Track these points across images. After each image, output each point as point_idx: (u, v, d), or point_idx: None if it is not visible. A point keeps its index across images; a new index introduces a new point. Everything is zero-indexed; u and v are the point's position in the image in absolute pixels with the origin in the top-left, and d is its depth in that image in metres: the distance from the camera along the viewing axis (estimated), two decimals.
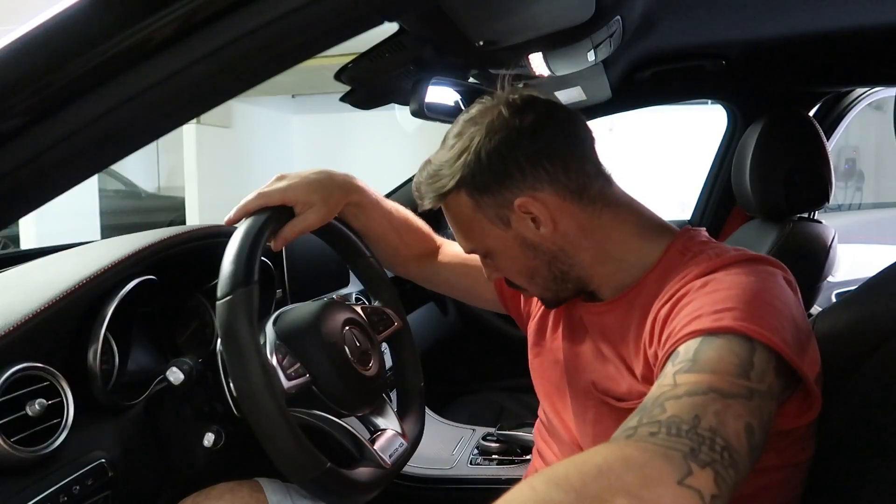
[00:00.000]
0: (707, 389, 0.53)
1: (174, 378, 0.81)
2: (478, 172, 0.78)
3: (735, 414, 0.52)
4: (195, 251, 0.96)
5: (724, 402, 0.53)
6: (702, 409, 0.51)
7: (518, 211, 0.78)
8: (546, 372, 0.92)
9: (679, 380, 0.55)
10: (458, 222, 0.83)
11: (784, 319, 0.63)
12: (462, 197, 0.80)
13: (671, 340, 0.63)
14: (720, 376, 0.55)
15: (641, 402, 0.56)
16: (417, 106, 1.15)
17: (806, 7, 1.12)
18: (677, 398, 0.53)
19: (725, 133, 1.91)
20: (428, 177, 0.83)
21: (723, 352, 0.57)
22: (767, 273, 0.69)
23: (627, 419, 0.54)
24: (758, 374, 0.57)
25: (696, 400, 0.52)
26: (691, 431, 0.49)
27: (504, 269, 0.85)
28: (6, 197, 0.57)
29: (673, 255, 0.77)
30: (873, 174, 6.90)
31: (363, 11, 0.57)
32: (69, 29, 0.52)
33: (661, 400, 0.54)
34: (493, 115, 0.78)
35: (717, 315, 0.61)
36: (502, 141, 0.76)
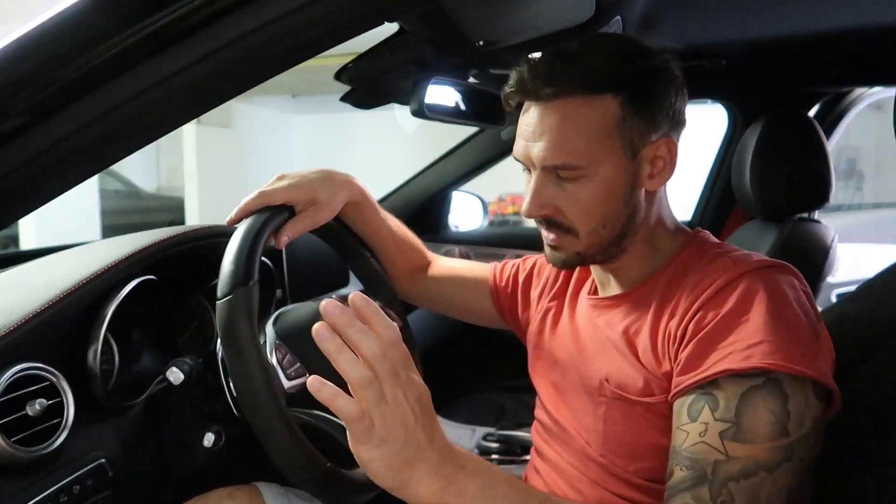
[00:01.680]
0: (755, 468, 0.62)
1: (174, 378, 0.81)
2: (645, 87, 0.73)
3: (780, 487, 0.62)
4: (195, 251, 0.96)
5: (770, 479, 0.62)
6: (756, 498, 0.61)
7: (652, 147, 0.76)
8: (546, 372, 0.92)
9: (730, 450, 0.63)
10: (579, 127, 0.73)
11: (809, 339, 0.67)
12: (610, 104, 0.73)
13: (703, 372, 0.67)
14: (762, 447, 0.62)
15: (693, 457, 0.64)
16: (417, 106, 1.15)
17: (806, 7, 1.12)
18: (737, 482, 0.62)
19: (725, 133, 1.91)
20: (567, 59, 0.73)
21: (759, 411, 0.63)
22: (788, 284, 0.71)
23: (690, 482, 0.64)
24: (796, 422, 0.63)
25: (751, 484, 0.61)
26: None
27: (583, 201, 0.76)
28: (6, 197, 0.57)
29: (689, 255, 0.78)
30: (873, 174, 6.89)
31: (363, 11, 0.57)
32: (69, 29, 0.52)
33: (721, 475, 0.62)
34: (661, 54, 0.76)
35: (748, 353, 0.65)
36: (669, 75, 0.75)
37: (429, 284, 1.11)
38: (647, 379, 0.74)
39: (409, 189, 2.03)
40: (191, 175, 7.07)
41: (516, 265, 1.07)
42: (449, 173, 2.00)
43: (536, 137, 0.75)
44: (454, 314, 1.14)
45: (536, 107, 0.76)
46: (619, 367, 0.77)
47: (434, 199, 2.03)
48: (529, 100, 0.77)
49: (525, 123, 0.77)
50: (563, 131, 0.73)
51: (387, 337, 0.54)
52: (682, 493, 0.63)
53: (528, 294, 1.03)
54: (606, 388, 0.78)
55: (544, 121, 0.74)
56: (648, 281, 0.80)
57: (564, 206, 0.77)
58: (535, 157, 0.76)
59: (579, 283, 0.94)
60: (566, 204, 0.77)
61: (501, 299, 1.06)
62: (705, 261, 0.75)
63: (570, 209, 0.77)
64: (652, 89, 0.74)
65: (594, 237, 0.78)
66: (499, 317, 1.08)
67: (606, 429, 0.78)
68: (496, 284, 1.07)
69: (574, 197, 0.76)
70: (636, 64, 0.74)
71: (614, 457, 0.77)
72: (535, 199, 0.77)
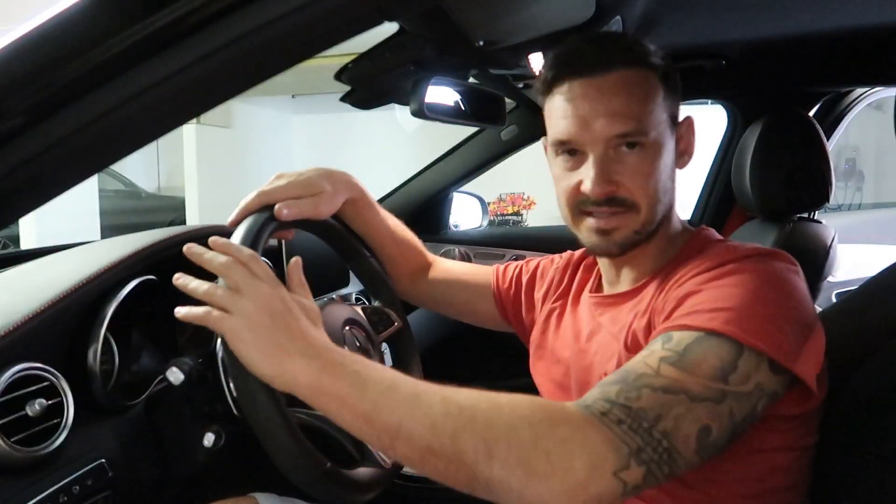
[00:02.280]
0: (679, 390, 0.60)
1: (174, 378, 0.81)
2: (670, 70, 0.79)
3: (694, 418, 0.60)
4: None
5: (688, 405, 0.60)
6: (666, 410, 0.59)
7: (682, 124, 0.82)
8: (548, 371, 0.93)
9: (662, 370, 0.62)
10: (637, 95, 0.76)
11: (781, 320, 0.65)
12: (652, 77, 0.77)
13: (667, 323, 0.68)
14: (696, 379, 0.61)
15: (625, 366, 0.64)
16: (417, 106, 1.15)
17: (806, 7, 1.12)
18: (652, 389, 0.60)
19: (725, 133, 1.91)
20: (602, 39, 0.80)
21: (709, 353, 0.63)
22: (778, 270, 0.71)
23: (609, 381, 0.63)
24: (740, 376, 0.62)
25: (665, 398, 0.60)
26: (647, 431, 0.58)
27: (647, 170, 0.76)
28: (6, 197, 0.57)
29: (691, 250, 0.80)
30: (873, 174, 6.90)
31: (363, 11, 0.57)
32: (69, 29, 0.52)
33: (640, 382, 0.61)
34: None
35: (712, 315, 0.65)
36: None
37: (430, 285, 1.10)
38: None
39: (409, 189, 2.03)
40: (191, 175, 7.07)
41: (519, 267, 1.07)
42: (449, 173, 2.00)
43: (597, 111, 0.75)
44: (456, 315, 1.14)
45: (588, 83, 0.76)
46: (620, 362, 0.78)
47: (434, 199, 2.03)
48: (580, 77, 0.77)
49: (575, 102, 0.76)
50: (625, 99, 0.75)
51: (242, 255, 0.66)
52: (593, 391, 0.63)
53: (531, 296, 1.03)
54: None
55: (603, 92, 0.75)
56: (653, 276, 0.80)
57: (627, 180, 0.76)
58: (599, 130, 0.75)
59: (582, 284, 0.94)
60: (630, 176, 0.76)
61: (504, 301, 1.06)
62: (704, 251, 0.77)
63: (633, 181, 0.76)
64: (675, 73, 0.80)
65: (652, 212, 0.78)
66: (501, 318, 1.08)
67: None
68: (498, 286, 1.07)
69: (638, 168, 0.76)
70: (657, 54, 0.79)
71: None
72: (603, 175, 0.75)
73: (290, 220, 0.83)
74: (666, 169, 0.78)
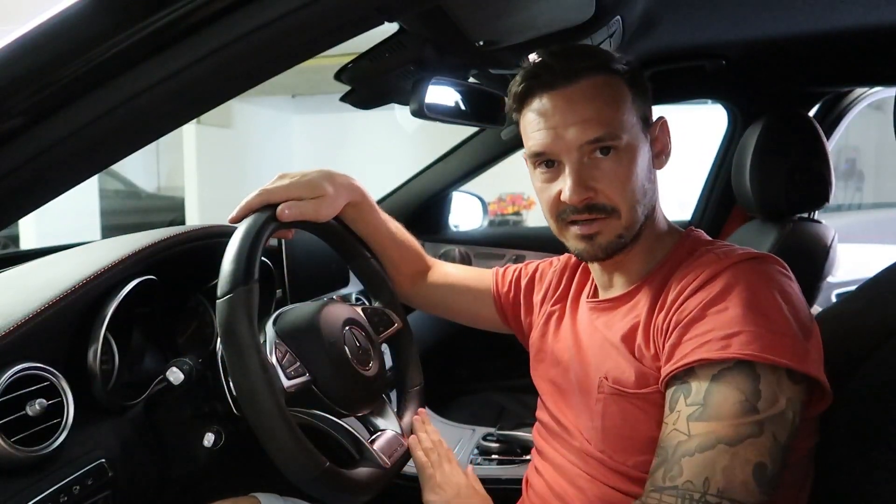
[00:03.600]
0: (714, 442, 0.61)
1: (174, 378, 0.81)
2: (637, 74, 0.81)
3: (743, 461, 0.60)
4: (195, 251, 0.96)
5: (731, 452, 0.61)
6: (711, 469, 0.60)
7: (655, 126, 0.82)
8: (548, 373, 0.93)
9: (692, 429, 0.63)
10: (605, 101, 0.77)
11: (788, 328, 0.67)
12: (619, 82, 0.78)
13: (681, 360, 0.68)
14: (726, 423, 0.62)
15: (662, 445, 0.66)
16: (417, 106, 1.15)
17: (806, 7, 1.12)
18: (690, 456, 0.61)
19: (725, 133, 1.91)
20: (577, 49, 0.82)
21: (728, 392, 0.64)
22: (770, 275, 0.71)
23: (654, 466, 0.65)
24: (767, 400, 0.63)
25: (706, 457, 0.61)
26: (702, 500, 0.59)
27: (622, 174, 0.77)
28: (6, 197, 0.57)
29: (681, 253, 0.80)
30: (873, 174, 6.89)
31: (363, 11, 0.57)
32: (69, 29, 0.52)
33: (678, 455, 0.63)
34: None
35: (725, 342, 0.65)
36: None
37: (430, 288, 1.10)
38: (641, 372, 0.75)
39: (409, 189, 2.03)
40: (191, 175, 7.06)
41: (518, 270, 1.08)
42: (449, 173, 2.00)
43: (567, 120, 0.76)
44: (455, 318, 1.14)
45: (557, 94, 0.78)
46: (617, 365, 0.79)
47: (434, 199, 2.03)
48: (549, 89, 0.78)
49: (546, 114, 0.78)
50: (593, 106, 0.76)
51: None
52: (647, 482, 0.65)
53: (530, 299, 1.03)
54: (605, 385, 0.79)
55: (572, 102, 0.77)
56: (646, 280, 0.81)
57: (605, 185, 0.77)
58: (571, 139, 0.76)
59: (580, 287, 0.94)
60: (607, 182, 0.77)
61: (504, 304, 1.06)
62: (694, 257, 0.78)
63: (610, 186, 0.77)
64: (642, 76, 0.81)
65: (633, 215, 0.79)
66: (501, 321, 1.08)
67: (605, 424, 0.79)
68: (498, 290, 1.07)
69: (614, 172, 0.77)
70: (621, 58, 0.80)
71: (613, 452, 0.79)
72: (578, 182, 0.77)
73: (290, 221, 0.83)
74: (642, 171, 0.79)
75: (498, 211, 7.03)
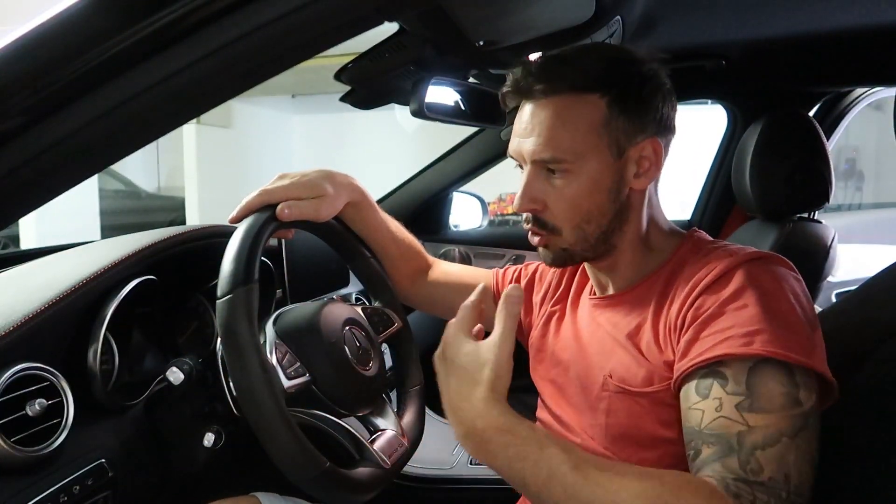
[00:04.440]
0: (779, 435, 0.62)
1: (174, 378, 0.81)
2: (632, 90, 0.77)
3: (804, 453, 0.62)
4: (195, 251, 0.96)
5: (794, 444, 0.61)
6: (786, 465, 0.61)
7: (637, 147, 0.78)
8: (548, 372, 0.93)
9: (749, 420, 0.63)
10: (567, 123, 0.76)
11: (803, 328, 0.68)
12: (598, 103, 0.76)
13: (702, 355, 0.68)
14: (782, 415, 0.62)
15: (716, 432, 0.64)
16: (417, 106, 1.15)
17: (806, 7, 1.12)
18: (762, 450, 0.61)
19: (725, 133, 1.91)
20: (559, 61, 0.78)
21: (772, 384, 0.64)
22: (781, 274, 0.72)
23: (717, 454, 0.63)
24: (805, 394, 0.64)
25: (777, 452, 0.61)
26: (788, 498, 0.60)
27: (569, 196, 0.78)
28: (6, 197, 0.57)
29: (685, 253, 0.81)
30: (873, 174, 6.90)
31: (363, 11, 0.57)
32: (69, 29, 0.52)
33: (747, 445, 0.62)
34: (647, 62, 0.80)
35: (747, 339, 0.65)
36: (657, 81, 0.79)
37: (430, 288, 1.10)
38: (649, 370, 0.75)
39: (409, 189, 2.02)
40: (191, 175, 7.07)
41: (518, 270, 1.08)
42: (449, 173, 2.00)
43: (528, 133, 0.79)
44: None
45: (529, 105, 0.80)
46: (622, 362, 0.78)
47: (434, 199, 2.03)
48: (523, 98, 0.81)
49: (518, 121, 0.81)
50: (552, 127, 0.77)
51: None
52: (711, 464, 0.63)
53: (529, 299, 1.03)
54: (609, 383, 0.79)
55: (535, 117, 0.78)
56: (648, 278, 0.81)
57: (552, 202, 0.80)
58: (526, 152, 0.79)
59: (580, 286, 0.94)
60: (553, 200, 0.79)
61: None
62: (702, 254, 0.78)
63: (556, 205, 0.79)
64: (639, 92, 0.77)
65: (579, 233, 0.80)
66: None
67: (609, 422, 0.79)
68: (498, 289, 1.07)
69: (561, 192, 0.79)
70: (624, 67, 0.78)
71: (617, 449, 0.79)
72: (525, 194, 0.80)
73: (290, 221, 0.83)
74: (602, 193, 0.78)
75: (498, 211, 7.04)
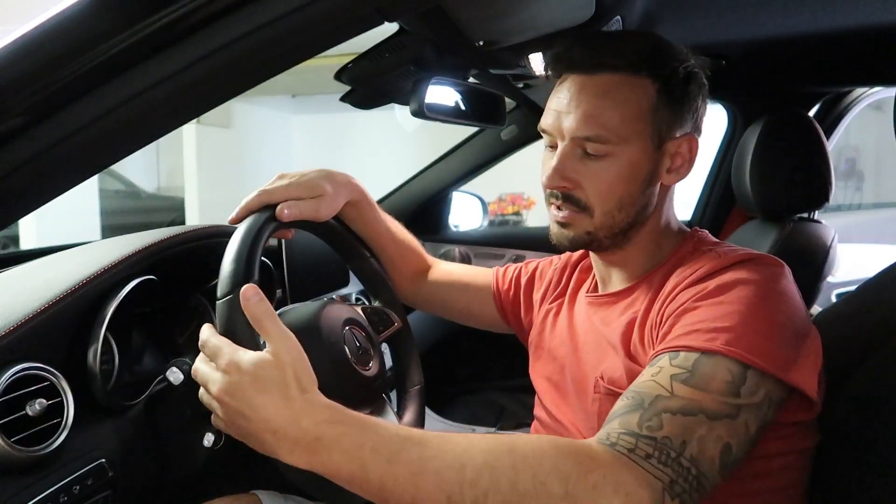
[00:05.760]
0: (697, 409, 0.60)
1: (174, 378, 0.81)
2: (680, 82, 0.77)
3: (716, 437, 0.60)
4: (195, 251, 0.96)
5: (708, 424, 0.60)
6: (689, 433, 0.59)
7: (676, 142, 0.78)
8: (545, 370, 0.93)
9: (676, 390, 0.61)
10: (617, 103, 0.75)
11: (777, 334, 0.66)
12: (649, 88, 0.75)
13: (666, 343, 0.67)
14: (710, 396, 0.61)
15: (636, 390, 0.63)
16: (417, 106, 1.15)
17: (806, 7, 1.12)
18: (672, 413, 0.60)
19: (725, 133, 1.91)
20: (610, 38, 0.80)
21: (718, 368, 0.63)
22: (771, 278, 0.71)
23: (625, 410, 0.61)
24: (749, 389, 0.62)
25: (686, 421, 0.59)
26: (676, 461, 0.57)
27: (606, 179, 0.76)
28: (6, 197, 0.57)
29: (684, 252, 0.80)
30: (873, 174, 6.89)
31: (363, 11, 0.57)
32: (69, 29, 0.53)
33: (658, 407, 0.60)
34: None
35: (712, 335, 0.65)
36: (700, 78, 0.79)
37: (430, 288, 1.10)
38: (634, 372, 0.75)
39: (409, 189, 2.03)
40: (191, 175, 7.06)
41: (518, 269, 1.08)
42: (449, 173, 2.00)
43: (572, 108, 0.76)
44: (456, 318, 1.13)
45: (577, 78, 0.78)
46: (612, 364, 0.78)
47: (434, 199, 2.03)
48: (571, 71, 0.78)
49: (560, 94, 0.79)
50: (600, 104, 0.75)
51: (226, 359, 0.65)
52: (612, 420, 0.62)
53: (530, 297, 1.03)
54: (601, 384, 0.79)
55: (583, 92, 0.76)
56: (645, 278, 0.81)
57: (586, 183, 0.78)
58: (567, 128, 0.77)
59: (579, 283, 0.94)
60: (589, 180, 0.77)
61: (504, 303, 1.06)
62: (695, 255, 0.78)
63: (591, 186, 0.78)
64: (685, 85, 0.77)
65: (608, 219, 0.79)
66: (501, 321, 1.08)
67: (601, 424, 0.79)
68: (498, 289, 1.07)
69: (597, 174, 0.77)
70: (673, 57, 0.77)
71: None
72: (559, 170, 0.77)
73: (290, 221, 0.83)
74: (636, 182, 0.78)
75: (498, 211, 7.03)
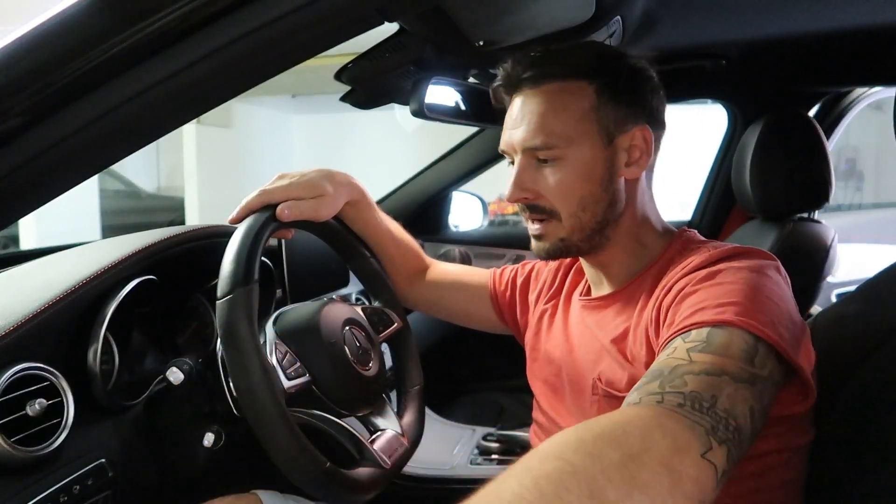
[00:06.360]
0: (720, 371, 0.57)
1: (174, 378, 0.81)
2: (621, 78, 0.79)
3: (743, 398, 0.56)
4: (195, 251, 0.96)
5: (734, 385, 0.57)
6: (717, 390, 0.55)
7: (627, 135, 0.79)
8: (542, 373, 0.93)
9: (695, 357, 0.59)
10: (557, 110, 0.78)
11: (780, 315, 0.66)
12: (587, 90, 0.78)
13: (674, 328, 0.66)
14: (731, 360, 0.59)
15: (653, 368, 0.60)
16: (417, 106, 1.15)
17: (806, 7, 1.12)
18: (695, 374, 0.57)
19: (725, 133, 1.91)
20: (547, 54, 0.81)
21: (732, 338, 0.61)
22: (764, 267, 0.71)
23: (645, 382, 0.58)
24: (760, 361, 0.61)
25: (712, 380, 0.56)
26: (711, 410, 0.53)
27: (562, 183, 0.79)
28: (6, 197, 0.57)
29: (673, 252, 0.81)
30: (873, 174, 6.89)
31: (363, 11, 0.57)
32: (69, 29, 0.53)
33: (679, 372, 0.57)
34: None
35: (721, 308, 0.64)
36: (645, 73, 0.81)
37: (428, 289, 1.10)
38: (632, 374, 0.75)
39: (409, 189, 2.03)
40: (191, 175, 7.06)
41: (515, 269, 1.08)
42: (449, 173, 2.00)
43: (518, 123, 0.80)
44: (454, 319, 1.14)
45: (519, 97, 0.81)
46: (609, 366, 0.79)
47: (434, 200, 2.03)
48: (514, 92, 0.82)
49: (511, 113, 0.82)
50: (543, 114, 0.78)
51: None
52: (632, 392, 0.59)
53: (526, 298, 1.03)
54: (598, 386, 0.79)
55: (525, 107, 0.80)
56: (636, 279, 0.82)
57: (546, 190, 0.80)
58: (518, 141, 0.80)
59: (573, 285, 0.95)
60: (545, 187, 0.80)
61: (501, 304, 1.07)
62: (685, 253, 0.78)
63: (551, 192, 0.80)
64: (627, 81, 0.79)
65: (575, 221, 0.80)
66: (499, 321, 1.08)
67: None
68: (496, 289, 1.07)
69: (553, 179, 0.79)
70: (612, 59, 0.80)
71: None
72: (517, 183, 0.81)
73: (290, 221, 0.83)
74: (593, 180, 0.79)
75: (498, 211, 7.03)
